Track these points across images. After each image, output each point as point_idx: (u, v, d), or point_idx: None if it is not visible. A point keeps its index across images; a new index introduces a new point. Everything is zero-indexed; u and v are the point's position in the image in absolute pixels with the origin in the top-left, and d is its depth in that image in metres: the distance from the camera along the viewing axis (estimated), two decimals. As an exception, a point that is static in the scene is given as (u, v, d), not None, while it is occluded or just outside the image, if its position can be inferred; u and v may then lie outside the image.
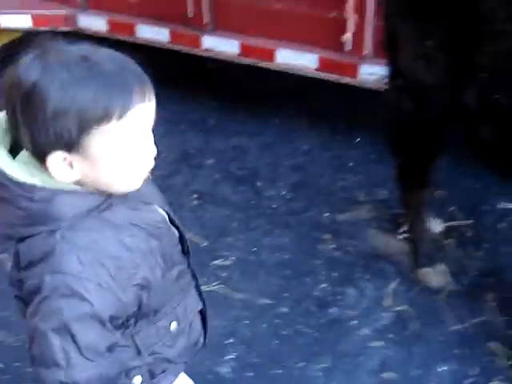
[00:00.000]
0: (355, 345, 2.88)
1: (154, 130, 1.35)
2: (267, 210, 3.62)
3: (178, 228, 1.55)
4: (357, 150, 4.04)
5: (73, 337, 1.27)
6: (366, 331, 2.95)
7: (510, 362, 2.77)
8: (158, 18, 4.09)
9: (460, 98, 2.45)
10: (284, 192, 3.78)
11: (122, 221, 1.35)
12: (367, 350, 2.86)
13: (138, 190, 1.39)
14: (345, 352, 2.84)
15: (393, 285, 3.18)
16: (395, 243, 3.35)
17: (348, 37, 3.45)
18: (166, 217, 1.51)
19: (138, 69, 1.27)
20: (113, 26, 4.26)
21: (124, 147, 1.27)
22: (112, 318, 1.32)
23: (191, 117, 4.52)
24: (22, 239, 1.29)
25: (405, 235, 3.29)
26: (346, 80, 3.59)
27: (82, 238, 1.28)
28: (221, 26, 3.99)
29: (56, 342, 1.26)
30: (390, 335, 2.93)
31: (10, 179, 1.25)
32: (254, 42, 3.85)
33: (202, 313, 1.73)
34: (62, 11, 4.31)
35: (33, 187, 1.26)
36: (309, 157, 4.09)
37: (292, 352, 2.82)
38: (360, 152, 4.02)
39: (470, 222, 3.51)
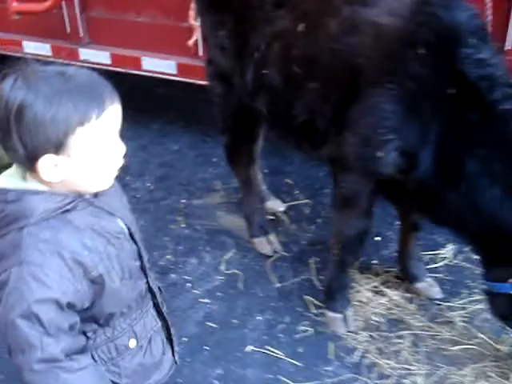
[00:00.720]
0: (186, 302, 3.25)
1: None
2: (132, 200, 3.98)
3: (136, 244, 1.67)
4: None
5: (38, 319, 1.41)
6: (197, 291, 3.32)
7: (315, 311, 3.16)
8: (40, 35, 4.51)
9: (244, 76, 2.90)
10: (149, 184, 4.18)
11: (83, 224, 1.49)
12: (195, 305, 3.23)
13: (103, 200, 1.56)
14: (177, 307, 3.19)
15: (229, 254, 3.56)
16: (238, 221, 3.75)
17: (193, 42, 3.87)
18: (126, 230, 1.63)
19: (102, 79, 1.47)
20: (3, 43, 4.70)
21: (100, 144, 1.45)
22: (69, 305, 1.46)
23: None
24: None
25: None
26: (204, 82, 3.98)
27: (45, 234, 1.43)
28: (94, 39, 4.42)
29: (25, 326, 1.41)
30: (218, 293, 3.31)
31: None
32: (122, 52, 4.28)
33: (167, 330, 1.85)
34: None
35: (5, 190, 1.44)
36: (177, 155, 4.52)
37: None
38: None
39: (308, 201, 3.92)
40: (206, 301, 3.25)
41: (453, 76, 2.31)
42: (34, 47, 4.56)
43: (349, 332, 3.05)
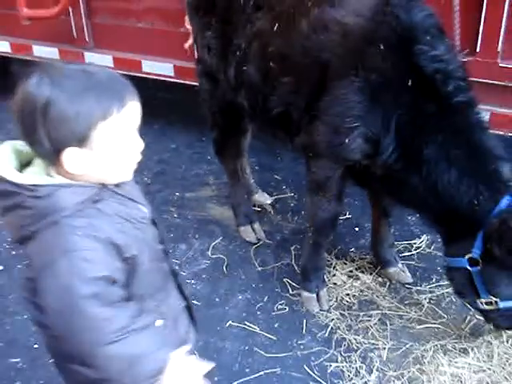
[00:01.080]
0: (173, 282, 3.50)
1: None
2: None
3: (157, 228, 1.79)
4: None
5: (98, 296, 1.50)
6: (184, 273, 3.58)
7: (292, 292, 3.41)
8: (48, 39, 4.84)
9: (227, 74, 3.18)
10: (146, 179, 4.46)
11: (112, 211, 1.58)
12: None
13: (124, 189, 1.65)
14: (164, 288, 3.45)
15: (216, 241, 3.83)
16: (227, 212, 4.02)
17: (189, 45, 4.16)
18: (148, 215, 1.74)
19: (121, 77, 1.58)
20: (15, 47, 5.03)
21: (121, 138, 1.54)
22: (115, 280, 1.56)
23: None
24: (29, 238, 1.53)
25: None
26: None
27: (80, 222, 1.51)
28: (98, 44, 4.73)
29: (90, 306, 1.49)
30: (204, 275, 3.57)
31: (17, 184, 1.50)
32: (124, 55, 4.59)
33: (189, 310, 1.94)
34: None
35: (36, 186, 1.50)
36: (174, 153, 4.82)
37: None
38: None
39: (293, 195, 4.19)
40: (192, 281, 3.50)
41: (410, 70, 2.57)
42: (43, 51, 4.84)
43: (322, 311, 3.29)
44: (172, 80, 4.46)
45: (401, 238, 3.77)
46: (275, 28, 2.85)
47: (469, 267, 2.65)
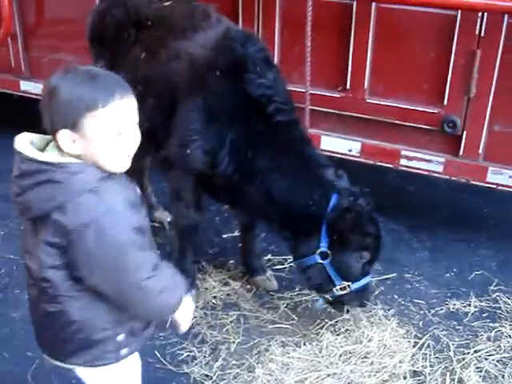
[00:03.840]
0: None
1: None
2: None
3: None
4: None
5: (137, 243, 1.85)
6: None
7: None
8: (-10, 68, 5.39)
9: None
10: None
11: (122, 185, 1.90)
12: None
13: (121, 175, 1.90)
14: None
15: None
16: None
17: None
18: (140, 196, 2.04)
19: (121, 80, 1.87)
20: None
21: (109, 130, 1.79)
22: (143, 230, 1.91)
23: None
24: (57, 208, 1.79)
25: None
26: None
27: (105, 187, 1.82)
28: (34, 73, 5.27)
29: (133, 250, 1.85)
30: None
31: (49, 163, 1.80)
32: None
33: None
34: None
35: (68, 164, 1.81)
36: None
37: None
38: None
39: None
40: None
41: (241, 94, 3.06)
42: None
43: (188, 310, 3.66)
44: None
45: (278, 253, 4.16)
46: (143, 56, 3.34)
47: (321, 261, 3.09)
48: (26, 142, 1.86)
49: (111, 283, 1.89)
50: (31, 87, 5.21)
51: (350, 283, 3.11)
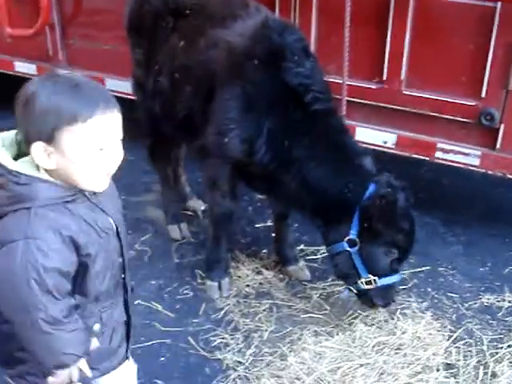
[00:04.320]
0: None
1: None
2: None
3: (121, 242, 1.93)
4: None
5: (46, 284, 1.65)
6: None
7: (200, 281, 3.86)
8: (27, 57, 5.47)
9: (148, 85, 3.71)
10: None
11: (80, 214, 1.74)
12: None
13: (98, 199, 1.80)
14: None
15: (146, 236, 4.31)
16: (162, 215, 4.49)
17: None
18: (115, 228, 1.88)
19: (105, 91, 1.72)
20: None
21: (87, 147, 1.64)
22: (67, 273, 1.72)
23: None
24: (1, 217, 1.67)
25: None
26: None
27: (49, 214, 1.66)
28: (71, 62, 5.33)
29: (37, 290, 1.64)
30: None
31: (5, 167, 1.66)
32: (90, 74, 5.16)
33: (128, 327, 2.06)
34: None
35: (19, 173, 1.65)
36: (130, 164, 4.97)
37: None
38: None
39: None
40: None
41: (279, 83, 3.06)
42: (22, 67, 5.46)
43: (221, 297, 3.70)
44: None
45: (311, 244, 4.17)
46: (181, 45, 3.36)
47: (348, 248, 3.07)
48: (4, 140, 1.76)
49: (3, 306, 1.75)
50: (68, 76, 5.21)
51: (376, 278, 3.07)
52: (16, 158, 1.75)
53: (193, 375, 3.14)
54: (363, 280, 3.10)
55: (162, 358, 3.25)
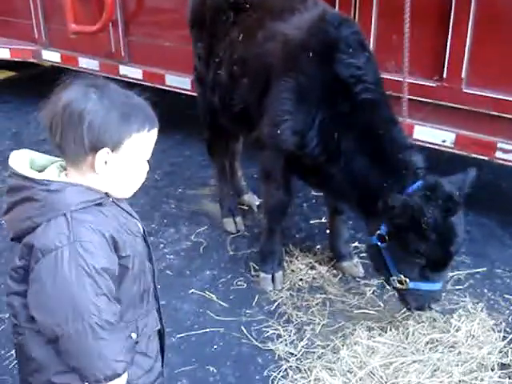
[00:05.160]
0: (154, 255, 4.03)
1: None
2: (140, 186, 4.91)
3: (148, 247, 1.91)
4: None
5: (99, 286, 1.61)
6: (166, 250, 4.14)
7: (254, 273, 3.90)
8: (91, 53, 5.64)
9: (208, 77, 3.78)
10: (156, 176, 5.08)
11: (112, 217, 1.72)
12: (161, 258, 4.04)
13: (124, 203, 1.81)
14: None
15: (202, 229, 4.38)
16: (218, 208, 4.56)
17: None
18: (142, 231, 1.87)
19: (148, 108, 1.76)
20: (64, 58, 5.86)
21: (144, 155, 1.74)
22: (113, 274, 1.67)
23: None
24: (32, 230, 1.63)
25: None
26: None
27: (87, 217, 1.64)
28: (133, 59, 5.47)
29: (92, 293, 1.60)
30: (182, 253, 4.12)
31: (30, 179, 1.65)
32: (151, 69, 5.29)
33: (160, 337, 2.03)
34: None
35: (49, 181, 1.64)
36: (187, 158, 5.45)
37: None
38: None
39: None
40: (171, 257, 4.05)
41: (331, 75, 3.08)
42: (85, 63, 5.62)
43: (275, 290, 3.73)
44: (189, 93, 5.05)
45: (365, 240, 4.15)
46: (240, 38, 3.42)
47: (378, 243, 3.02)
48: (20, 158, 1.73)
49: (51, 320, 1.65)
50: (129, 72, 5.35)
51: (407, 279, 2.98)
52: None
53: (245, 364, 3.16)
54: (395, 278, 3.02)
55: (215, 346, 3.29)
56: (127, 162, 1.72)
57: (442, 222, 2.78)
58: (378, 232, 3.00)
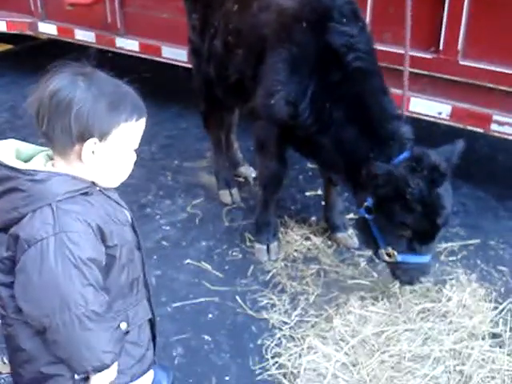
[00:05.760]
0: (151, 226, 4.09)
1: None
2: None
3: (137, 235, 1.90)
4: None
5: (86, 276, 1.61)
6: (162, 221, 4.16)
7: (249, 244, 3.92)
8: (87, 25, 5.61)
9: (203, 49, 3.77)
10: (153, 149, 5.08)
11: (99, 206, 1.71)
12: (157, 230, 4.07)
13: (111, 192, 1.79)
14: (142, 230, 4.01)
15: (197, 200, 4.40)
16: (214, 180, 4.57)
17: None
18: (130, 221, 1.87)
19: (137, 98, 1.75)
20: (60, 30, 5.83)
21: (132, 144, 1.73)
22: (100, 264, 1.67)
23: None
24: (18, 220, 1.61)
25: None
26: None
27: (73, 207, 1.62)
28: (129, 30, 5.44)
29: (79, 283, 1.60)
30: (178, 224, 4.13)
31: (15, 169, 1.62)
32: (148, 42, 5.27)
33: (152, 325, 2.01)
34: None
35: (34, 171, 1.62)
36: (183, 131, 5.43)
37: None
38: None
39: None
40: (167, 228, 4.08)
41: (323, 44, 3.06)
42: (81, 35, 5.60)
43: (270, 260, 3.76)
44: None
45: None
46: (235, 8, 3.40)
47: (366, 215, 3.03)
48: (5, 148, 1.70)
49: (38, 310, 1.64)
50: (126, 44, 5.33)
51: (394, 252, 2.96)
52: None
53: (239, 332, 3.21)
54: (383, 251, 3.01)
55: (210, 315, 3.33)
56: (115, 151, 1.71)
57: (427, 193, 2.75)
58: (365, 204, 2.99)
